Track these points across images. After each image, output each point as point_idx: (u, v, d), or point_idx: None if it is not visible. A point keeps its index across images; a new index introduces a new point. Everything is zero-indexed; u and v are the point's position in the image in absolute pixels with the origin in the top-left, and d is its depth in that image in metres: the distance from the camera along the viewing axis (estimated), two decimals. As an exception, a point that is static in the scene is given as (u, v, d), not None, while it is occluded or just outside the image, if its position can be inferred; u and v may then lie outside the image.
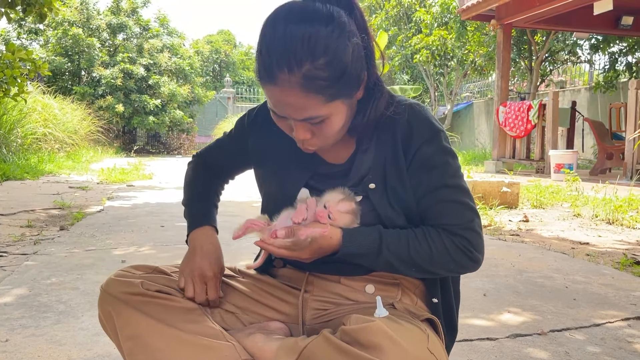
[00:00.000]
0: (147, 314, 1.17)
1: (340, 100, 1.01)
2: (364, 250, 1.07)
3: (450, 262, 1.08)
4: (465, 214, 1.10)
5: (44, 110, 9.53)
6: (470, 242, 1.08)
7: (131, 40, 18.42)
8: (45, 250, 2.80)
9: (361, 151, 1.16)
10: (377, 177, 1.15)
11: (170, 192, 6.06)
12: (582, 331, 1.75)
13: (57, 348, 1.51)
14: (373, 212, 1.16)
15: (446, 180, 1.11)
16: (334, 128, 1.05)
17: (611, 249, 3.21)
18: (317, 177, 1.22)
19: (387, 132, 1.15)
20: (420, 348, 0.93)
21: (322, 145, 1.09)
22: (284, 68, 0.94)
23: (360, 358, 0.90)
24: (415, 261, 1.07)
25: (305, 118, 1.00)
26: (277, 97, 0.99)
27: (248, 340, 1.28)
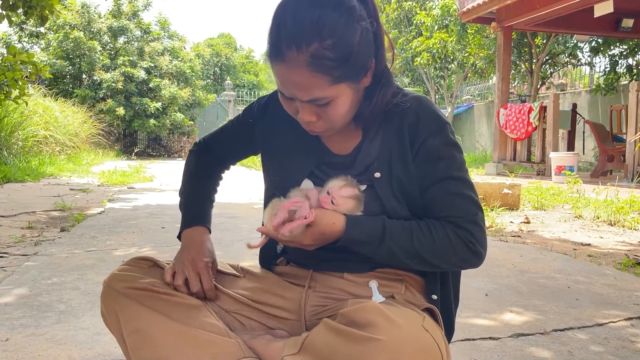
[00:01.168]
0: (151, 308, 1.17)
1: (346, 83, 1.02)
2: (367, 238, 1.06)
3: (453, 255, 1.08)
4: (470, 207, 1.10)
5: (45, 113, 9.54)
6: (474, 236, 1.08)
7: (132, 43, 18.45)
8: (45, 251, 2.80)
9: (367, 141, 1.17)
10: (383, 167, 1.15)
11: (171, 194, 6.05)
12: (585, 331, 1.74)
13: (57, 347, 1.51)
14: (377, 202, 1.16)
15: (452, 172, 1.11)
16: (339, 111, 1.06)
17: (613, 250, 3.20)
18: (322, 167, 1.22)
19: (394, 122, 1.16)
20: (416, 325, 0.93)
21: (328, 128, 1.09)
22: (293, 46, 0.96)
23: (356, 336, 0.91)
24: (418, 252, 1.07)
25: (311, 99, 1.01)
26: (285, 75, 1.00)
27: (254, 340, 1.28)
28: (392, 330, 0.89)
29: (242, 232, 3.35)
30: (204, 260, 1.23)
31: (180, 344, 1.17)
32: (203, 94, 19.12)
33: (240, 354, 1.21)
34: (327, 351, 0.96)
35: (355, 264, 1.18)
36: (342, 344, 0.93)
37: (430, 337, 0.93)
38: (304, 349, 1.03)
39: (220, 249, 2.99)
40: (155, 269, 1.30)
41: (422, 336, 0.92)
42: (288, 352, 1.07)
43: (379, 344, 0.88)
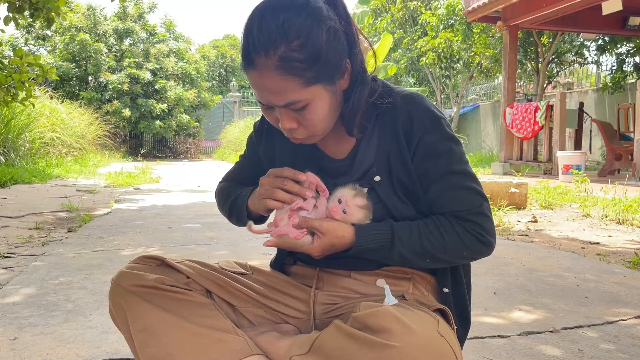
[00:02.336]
0: (159, 306, 1.17)
1: (320, 85, 1.02)
2: (377, 245, 1.07)
3: (464, 249, 1.08)
4: (474, 199, 1.10)
5: (51, 115, 9.59)
6: (482, 226, 1.08)
7: (138, 45, 18.53)
8: (53, 251, 2.80)
9: (363, 144, 1.17)
10: (382, 169, 1.15)
11: (177, 195, 6.07)
12: (595, 329, 1.72)
13: (65, 346, 1.51)
14: (380, 204, 1.16)
15: (452, 166, 1.11)
16: (317, 115, 1.05)
17: (622, 248, 3.18)
18: (322, 173, 1.22)
19: (389, 123, 1.16)
20: (431, 331, 0.93)
21: (310, 135, 1.09)
22: (261, 52, 0.97)
23: (370, 342, 0.90)
24: (429, 251, 1.07)
25: (286, 103, 1.01)
26: (257, 82, 1.01)
27: (261, 337, 1.28)
28: (408, 336, 0.89)
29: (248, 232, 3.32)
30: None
31: (187, 341, 1.17)
32: (208, 95, 19.17)
33: (247, 351, 1.20)
34: (339, 354, 0.95)
35: (362, 262, 1.18)
36: (356, 349, 0.92)
37: (446, 343, 0.92)
38: (313, 350, 1.02)
39: (227, 248, 2.99)
40: (163, 268, 1.30)
41: (437, 342, 0.91)
42: (297, 352, 1.06)
43: (395, 351, 0.87)
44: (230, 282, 1.34)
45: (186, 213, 4.46)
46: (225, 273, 1.36)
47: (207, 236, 3.33)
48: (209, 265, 1.37)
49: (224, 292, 1.33)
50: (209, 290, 1.32)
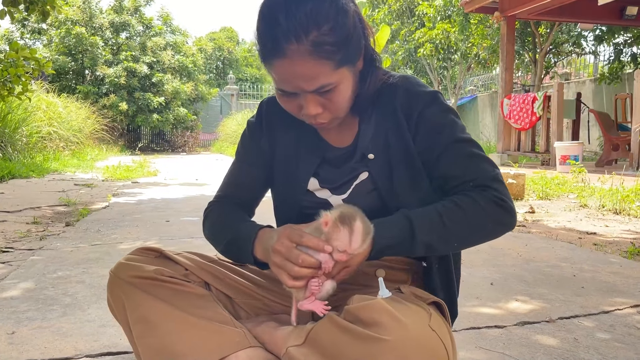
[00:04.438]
0: (157, 297, 1.18)
1: (346, 67, 1.03)
2: (397, 240, 1.04)
3: (487, 220, 1.05)
4: (486, 166, 1.10)
5: (48, 109, 9.56)
6: (500, 192, 1.06)
7: (134, 38, 18.44)
8: (51, 245, 2.81)
9: (363, 126, 1.18)
10: (378, 148, 1.16)
11: (175, 188, 6.06)
12: (590, 318, 1.73)
13: (63, 340, 1.51)
14: (375, 192, 1.17)
15: (457, 135, 1.11)
16: (343, 96, 1.06)
17: (619, 238, 3.19)
18: (326, 163, 1.22)
19: (386, 103, 1.18)
20: (422, 325, 0.93)
21: (333, 117, 1.09)
22: (292, 39, 0.97)
23: (361, 335, 0.91)
24: (452, 231, 1.04)
25: (317, 88, 1.01)
26: (288, 70, 1.00)
27: (259, 328, 1.28)
28: (399, 330, 0.89)
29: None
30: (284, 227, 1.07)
31: (185, 332, 1.18)
32: (206, 88, 19.11)
33: (245, 343, 1.21)
34: (332, 347, 0.96)
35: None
36: (348, 342, 0.92)
37: (437, 337, 0.93)
38: (308, 341, 1.03)
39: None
40: (162, 259, 1.30)
41: (428, 336, 0.92)
42: (293, 343, 1.07)
43: (385, 345, 0.88)
44: (228, 274, 1.34)
45: (184, 206, 4.46)
46: (223, 264, 1.36)
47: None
48: (207, 257, 1.38)
49: (221, 284, 1.33)
50: (207, 282, 1.33)
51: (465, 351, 1.45)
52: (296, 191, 1.22)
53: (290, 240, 1.02)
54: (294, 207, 1.24)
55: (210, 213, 1.31)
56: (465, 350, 1.46)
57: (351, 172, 1.19)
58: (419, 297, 1.11)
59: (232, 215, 1.26)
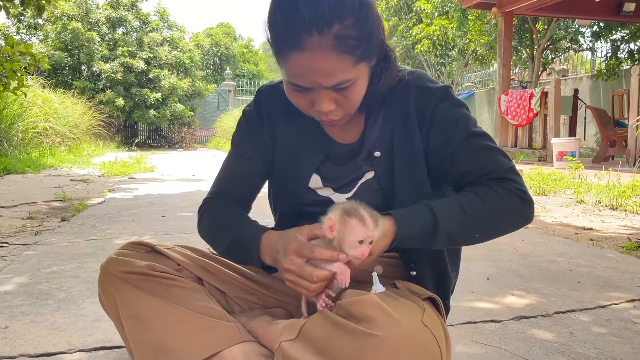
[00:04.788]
0: (149, 293, 1.17)
1: (364, 62, 1.01)
2: (420, 229, 1.01)
3: (507, 211, 1.04)
4: (501, 158, 1.09)
5: (44, 105, 9.51)
6: (519, 183, 1.06)
7: (131, 34, 18.36)
8: (46, 240, 2.79)
9: (370, 123, 1.16)
10: (383, 145, 1.14)
11: (172, 184, 6.05)
12: (587, 313, 1.73)
13: (57, 334, 1.50)
14: (379, 192, 1.15)
15: (472, 129, 1.10)
16: (359, 94, 1.04)
17: (615, 233, 3.19)
18: (328, 160, 1.20)
19: (394, 100, 1.15)
20: (414, 321, 0.92)
21: (345, 114, 1.07)
22: (313, 31, 0.92)
23: (353, 330, 0.90)
24: (474, 222, 1.02)
25: (335, 84, 0.98)
26: (306, 64, 0.96)
27: (253, 323, 1.27)
28: (391, 326, 0.88)
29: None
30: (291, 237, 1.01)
31: (178, 328, 1.16)
32: (203, 84, 19.05)
33: (239, 337, 1.20)
34: (324, 342, 0.95)
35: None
36: (339, 337, 0.92)
37: (429, 333, 0.91)
38: (301, 336, 1.02)
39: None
40: (153, 254, 1.29)
41: (420, 332, 0.91)
42: (286, 337, 1.06)
43: (377, 340, 0.87)
44: (221, 269, 1.33)
45: (181, 202, 4.44)
46: (216, 259, 1.35)
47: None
48: (199, 251, 1.36)
49: (214, 279, 1.32)
50: (200, 277, 1.32)
51: (461, 345, 1.44)
52: (297, 188, 1.19)
53: (299, 256, 0.97)
54: (294, 204, 1.21)
55: (206, 211, 1.26)
56: (462, 344, 1.45)
57: (356, 170, 1.17)
58: (414, 293, 1.10)
59: (231, 214, 1.21)
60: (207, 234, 1.24)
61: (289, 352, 1.01)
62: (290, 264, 0.98)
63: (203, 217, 1.25)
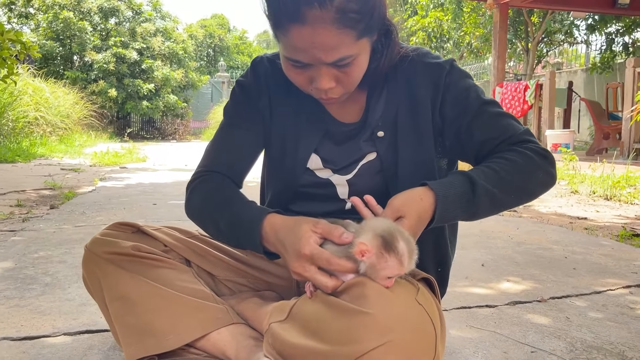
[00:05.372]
0: (135, 274, 1.13)
1: (366, 37, 0.97)
2: (460, 191, 0.95)
3: (537, 169, 1.02)
4: (515, 122, 1.09)
5: (35, 94, 9.40)
6: (538, 145, 1.06)
7: (123, 24, 18.17)
8: (33, 226, 2.74)
9: (373, 102, 1.12)
10: (387, 125, 1.11)
11: (164, 173, 5.99)
12: (582, 298, 1.71)
13: (41, 318, 1.46)
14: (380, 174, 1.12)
15: (482, 98, 1.09)
16: (360, 70, 1.00)
17: (610, 223, 3.17)
18: (328, 139, 1.16)
19: (398, 78, 1.12)
20: (408, 298, 0.89)
21: (344, 92, 1.03)
22: (314, 3, 0.88)
23: (345, 308, 0.87)
24: (509, 180, 0.99)
25: (336, 59, 0.94)
26: (307, 39, 0.91)
27: (242, 305, 1.24)
28: (383, 303, 0.85)
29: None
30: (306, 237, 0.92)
31: (165, 310, 1.13)
32: (196, 75, 18.92)
33: (228, 319, 1.16)
34: (314, 321, 0.91)
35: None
36: (330, 315, 0.88)
37: (424, 312, 0.88)
38: (291, 317, 0.99)
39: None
40: (139, 235, 1.25)
41: (414, 310, 0.87)
42: (275, 319, 1.03)
43: (369, 318, 0.84)
44: (210, 251, 1.29)
45: (173, 191, 4.39)
46: (204, 240, 1.31)
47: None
48: (187, 232, 1.32)
49: (203, 261, 1.28)
50: (187, 259, 1.28)
51: (455, 330, 1.42)
52: (294, 168, 1.15)
53: (313, 263, 0.90)
54: (290, 185, 1.17)
55: (197, 188, 1.18)
56: (456, 329, 1.42)
57: (357, 151, 1.13)
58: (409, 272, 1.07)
59: (226, 192, 1.13)
60: (198, 213, 1.16)
61: (279, 333, 0.98)
62: (302, 269, 0.91)
63: (193, 195, 1.18)
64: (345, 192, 1.15)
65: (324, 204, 1.17)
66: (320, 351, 0.86)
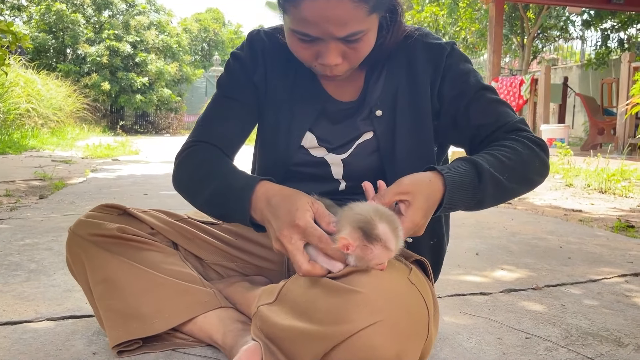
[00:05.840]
0: (120, 256, 1.09)
1: (376, 13, 0.94)
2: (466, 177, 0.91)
3: (536, 158, 1.01)
4: (510, 110, 1.08)
5: (26, 86, 9.30)
6: (534, 134, 1.05)
7: (117, 17, 18.04)
8: (20, 215, 2.69)
9: (372, 82, 1.09)
10: (386, 104, 1.08)
11: (156, 165, 5.94)
12: (578, 286, 1.68)
13: (24, 303, 1.42)
14: (376, 153, 1.09)
15: (481, 82, 1.08)
16: (368, 46, 0.97)
17: (604, 215, 3.16)
18: (323, 117, 1.12)
19: (399, 57, 1.10)
20: (400, 278, 0.85)
21: (349, 69, 1.00)
22: None
23: (333, 287, 0.84)
24: (511, 167, 0.96)
25: (348, 34, 0.91)
26: (320, 12, 0.88)
27: (231, 289, 1.21)
28: (374, 282, 0.82)
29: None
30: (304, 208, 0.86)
31: (152, 292, 1.09)
32: (191, 69, 18.83)
33: (215, 303, 1.13)
34: (303, 302, 0.88)
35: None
36: (320, 296, 0.85)
37: (416, 291, 0.85)
38: (280, 299, 0.96)
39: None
40: (125, 217, 1.21)
41: (406, 289, 0.84)
42: (264, 301, 0.99)
43: (360, 297, 0.80)
44: (198, 234, 1.26)
45: (164, 182, 4.34)
46: (193, 223, 1.28)
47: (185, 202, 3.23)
48: (175, 215, 1.29)
49: (191, 244, 1.25)
50: (175, 242, 1.24)
51: (449, 316, 1.39)
52: (288, 146, 1.11)
53: (302, 238, 0.85)
54: (282, 163, 1.12)
55: (187, 158, 1.12)
56: (450, 315, 1.40)
57: (354, 130, 1.10)
58: (401, 255, 1.04)
59: (217, 162, 1.07)
60: (187, 182, 1.10)
61: (267, 315, 0.95)
62: (288, 240, 0.85)
63: (182, 164, 1.11)
64: (340, 172, 1.12)
65: (318, 184, 1.13)
66: (308, 332, 0.83)
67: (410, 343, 0.81)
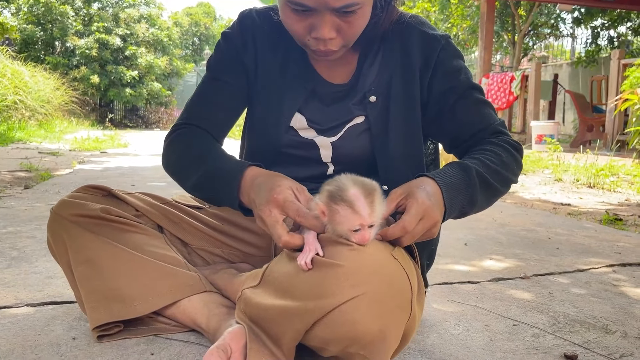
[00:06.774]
0: (104, 237, 1.07)
1: None
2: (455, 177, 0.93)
3: (513, 161, 1.04)
4: (493, 112, 1.09)
5: (13, 77, 9.16)
6: (510, 136, 1.08)
7: (107, 9, 17.84)
8: (4, 204, 2.64)
9: (366, 65, 1.08)
10: (380, 90, 1.07)
11: (145, 158, 5.88)
12: (566, 275, 1.68)
13: (4, 290, 1.39)
14: (367, 132, 1.08)
15: (470, 81, 1.09)
16: (363, 22, 0.97)
17: (592, 209, 3.17)
18: (314, 98, 1.10)
19: (395, 42, 1.08)
20: (383, 252, 0.84)
21: (343, 45, 0.99)
22: None
23: (317, 262, 0.82)
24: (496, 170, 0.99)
25: (344, 5, 0.90)
26: None
27: (216, 275, 1.19)
28: (356, 256, 0.80)
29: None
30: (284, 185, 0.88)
31: (134, 274, 1.07)
32: (181, 63, 18.68)
33: (200, 287, 1.11)
34: (286, 280, 0.87)
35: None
36: (302, 272, 0.83)
37: (399, 266, 0.83)
38: (264, 280, 0.94)
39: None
40: (110, 199, 1.19)
41: (389, 263, 0.82)
42: (248, 285, 0.98)
43: (341, 271, 0.79)
44: (184, 218, 1.23)
45: (153, 174, 4.30)
46: (179, 207, 1.25)
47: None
48: (160, 199, 1.26)
49: (176, 228, 1.23)
50: (160, 225, 1.22)
51: (437, 304, 1.38)
52: (277, 126, 1.09)
53: (281, 212, 0.85)
54: (270, 144, 1.11)
55: (176, 139, 1.10)
56: (438, 303, 1.38)
57: (346, 113, 1.08)
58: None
59: (207, 144, 1.06)
60: (175, 164, 1.09)
61: (250, 297, 0.93)
62: (267, 214, 0.85)
63: (171, 146, 1.10)
64: (329, 155, 1.11)
65: (306, 168, 1.12)
66: (290, 308, 0.81)
67: (394, 318, 0.79)
